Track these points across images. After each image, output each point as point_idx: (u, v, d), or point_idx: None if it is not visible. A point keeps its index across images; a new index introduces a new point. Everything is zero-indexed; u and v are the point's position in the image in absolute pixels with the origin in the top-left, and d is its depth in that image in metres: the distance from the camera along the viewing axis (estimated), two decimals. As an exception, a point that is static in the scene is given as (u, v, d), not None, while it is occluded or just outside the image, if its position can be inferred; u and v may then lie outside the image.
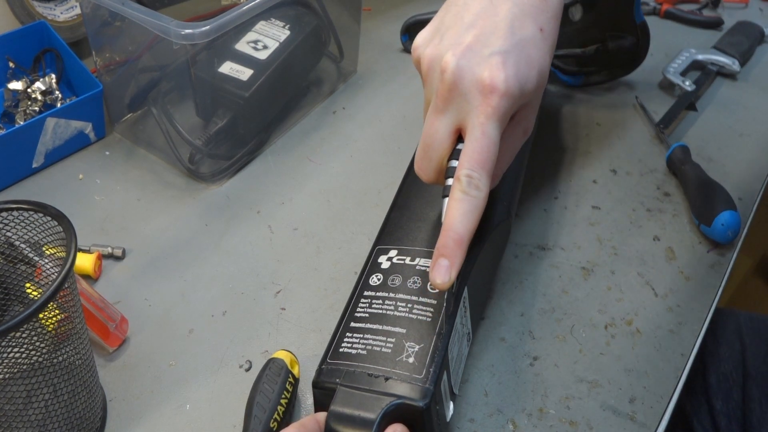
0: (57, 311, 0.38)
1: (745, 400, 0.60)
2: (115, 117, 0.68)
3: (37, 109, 0.66)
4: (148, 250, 0.57)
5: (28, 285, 0.44)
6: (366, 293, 0.44)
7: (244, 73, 0.63)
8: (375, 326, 0.42)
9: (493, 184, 0.43)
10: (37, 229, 0.41)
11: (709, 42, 0.83)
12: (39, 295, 0.40)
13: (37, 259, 0.43)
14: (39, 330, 0.37)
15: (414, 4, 0.91)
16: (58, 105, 0.67)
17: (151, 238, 0.58)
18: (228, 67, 0.63)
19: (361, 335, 0.42)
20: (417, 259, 0.45)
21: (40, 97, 0.66)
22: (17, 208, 0.40)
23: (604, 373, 0.48)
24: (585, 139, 0.69)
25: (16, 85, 0.67)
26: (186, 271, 0.55)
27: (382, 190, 0.63)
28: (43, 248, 0.42)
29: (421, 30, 0.46)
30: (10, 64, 0.68)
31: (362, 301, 0.44)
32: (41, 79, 0.67)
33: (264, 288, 0.54)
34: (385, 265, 0.46)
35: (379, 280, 0.45)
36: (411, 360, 0.39)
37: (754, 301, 1.47)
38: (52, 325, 0.38)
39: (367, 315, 0.43)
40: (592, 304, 0.53)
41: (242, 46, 0.65)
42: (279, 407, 0.42)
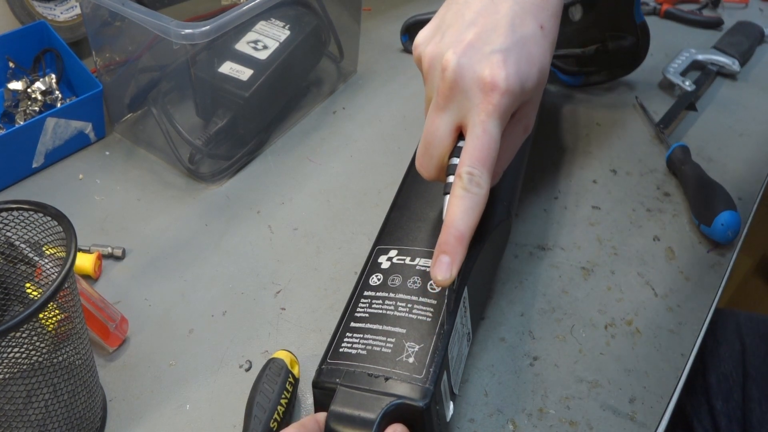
0: (57, 311, 0.38)
1: (745, 400, 0.60)
2: (115, 117, 0.68)
3: (37, 109, 0.66)
4: (148, 250, 0.57)
5: (28, 285, 0.44)
6: (366, 293, 0.44)
7: (244, 73, 0.63)
8: (375, 326, 0.42)
9: (493, 181, 0.43)
10: (37, 229, 0.41)
11: (709, 42, 0.83)
12: (39, 295, 0.40)
13: (37, 259, 0.43)
14: (39, 330, 0.37)
15: (414, 4, 0.91)
16: (58, 105, 0.67)
17: (151, 238, 0.58)
18: (228, 67, 0.63)
19: (361, 335, 0.41)
20: (417, 259, 0.45)
21: (40, 97, 0.66)
22: (17, 208, 0.40)
23: (604, 373, 0.48)
24: (585, 139, 0.69)
25: (16, 85, 0.67)
26: (186, 271, 0.55)
27: (382, 190, 0.63)
28: (43, 248, 0.42)
29: (421, 29, 0.46)
30: (10, 64, 0.68)
31: (362, 301, 0.44)
32: (41, 79, 0.67)
33: (264, 288, 0.54)
34: (385, 265, 0.46)
35: (379, 280, 0.45)
36: (411, 360, 0.39)
37: (754, 301, 1.47)
38: (52, 325, 0.38)
39: (367, 315, 0.43)
40: (592, 304, 0.53)
41: (242, 46, 0.65)
42: (279, 407, 0.42)
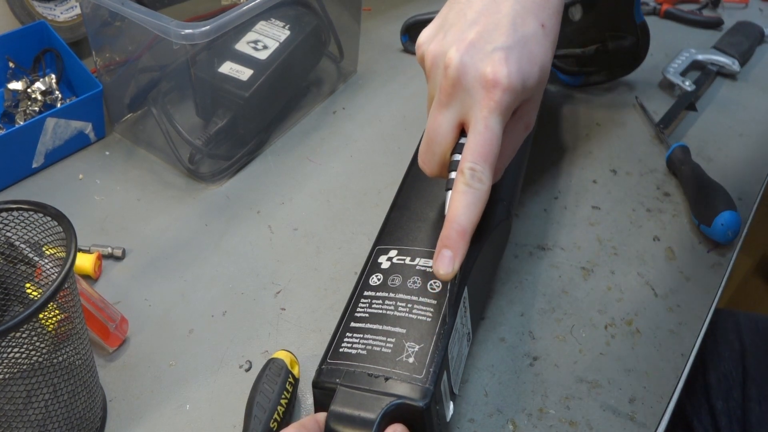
0: (57, 311, 0.38)
1: (745, 400, 0.61)
2: (115, 117, 0.68)
3: (37, 109, 0.66)
4: (148, 250, 0.57)
5: (28, 285, 0.43)
6: (366, 293, 0.44)
7: (244, 73, 0.63)
8: (375, 326, 0.42)
9: (495, 178, 0.43)
10: (37, 229, 0.41)
11: (709, 42, 0.83)
12: (39, 295, 0.40)
13: (37, 259, 0.43)
14: (39, 330, 0.37)
15: (414, 4, 0.91)
16: (58, 105, 0.67)
17: (151, 238, 0.58)
18: (228, 67, 0.63)
19: (361, 335, 0.41)
20: (417, 259, 0.45)
21: (40, 97, 0.66)
22: (17, 208, 0.40)
23: (604, 373, 0.48)
24: (585, 139, 0.69)
25: (16, 85, 0.67)
26: (186, 271, 0.55)
27: (382, 190, 0.63)
28: (43, 248, 0.42)
29: (422, 29, 0.46)
30: (10, 64, 0.68)
31: (362, 301, 0.44)
32: (41, 79, 0.67)
33: (264, 288, 0.54)
34: (385, 265, 0.46)
35: (379, 280, 0.45)
36: (411, 360, 0.39)
37: (754, 301, 1.47)
38: (52, 325, 0.38)
39: (367, 315, 0.43)
40: (592, 304, 0.53)
41: (242, 46, 0.65)
42: (279, 407, 0.42)
